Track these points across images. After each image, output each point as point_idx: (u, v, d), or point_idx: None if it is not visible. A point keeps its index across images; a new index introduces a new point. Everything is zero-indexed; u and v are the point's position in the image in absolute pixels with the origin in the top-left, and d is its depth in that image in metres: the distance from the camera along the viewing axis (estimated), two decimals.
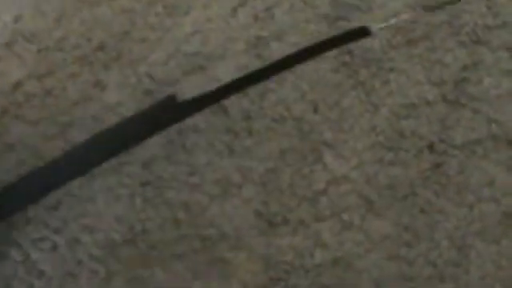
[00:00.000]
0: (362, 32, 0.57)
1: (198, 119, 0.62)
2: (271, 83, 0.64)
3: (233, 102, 0.62)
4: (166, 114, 0.56)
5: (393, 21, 0.58)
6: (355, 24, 0.67)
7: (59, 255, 0.59)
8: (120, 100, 0.64)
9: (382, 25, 0.57)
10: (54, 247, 0.57)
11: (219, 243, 0.57)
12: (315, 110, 0.62)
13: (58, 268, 0.58)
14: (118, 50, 0.67)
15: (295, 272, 0.55)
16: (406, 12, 0.59)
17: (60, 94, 0.65)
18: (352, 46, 0.66)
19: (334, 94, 0.63)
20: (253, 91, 0.63)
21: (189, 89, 0.64)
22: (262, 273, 0.55)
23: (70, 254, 0.58)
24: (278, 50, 0.65)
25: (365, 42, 0.66)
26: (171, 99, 0.56)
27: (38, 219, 0.59)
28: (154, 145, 0.61)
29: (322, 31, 0.66)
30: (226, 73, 0.64)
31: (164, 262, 0.57)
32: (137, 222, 0.58)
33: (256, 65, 0.65)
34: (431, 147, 0.59)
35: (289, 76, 0.63)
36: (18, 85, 0.67)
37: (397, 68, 0.64)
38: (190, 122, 0.62)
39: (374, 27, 0.57)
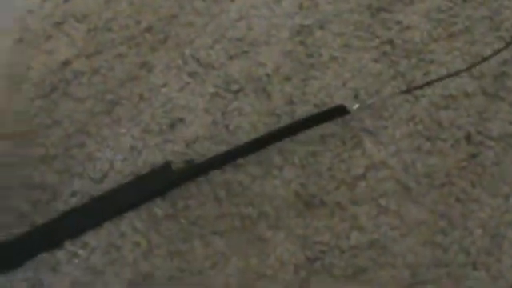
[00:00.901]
0: (340, 111, 0.59)
1: (242, 103, 0.64)
2: (314, 70, 0.65)
3: (276, 87, 0.64)
4: (162, 180, 0.58)
5: (370, 101, 0.59)
6: (397, 16, 0.68)
7: (103, 228, 0.61)
8: (166, 81, 0.66)
9: (357, 105, 0.59)
10: None
11: (259, 222, 0.58)
12: (356, 98, 0.63)
13: (101, 240, 0.60)
14: (166, 32, 0.69)
15: (331, 252, 0.57)
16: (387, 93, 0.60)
17: (107, 73, 0.67)
18: (393, 36, 0.67)
19: (374, 83, 0.64)
20: (296, 77, 0.64)
21: (234, 72, 0.66)
22: (299, 252, 0.57)
23: (114, 227, 0.59)
24: (321, 39, 0.67)
25: (406, 33, 0.67)
26: (167, 166, 0.58)
27: (84, 192, 0.61)
28: (197, 125, 0.63)
29: (365, 22, 0.68)
30: (270, 58, 0.66)
31: (204, 237, 0.58)
32: (179, 199, 0.59)
33: (300, 51, 0.66)
34: (468, 138, 0.60)
35: (332, 64, 0.65)
36: (66, 63, 0.69)
37: (437, 60, 0.65)
38: (234, 104, 0.64)
39: (351, 107, 0.59)
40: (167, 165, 0.59)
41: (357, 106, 0.58)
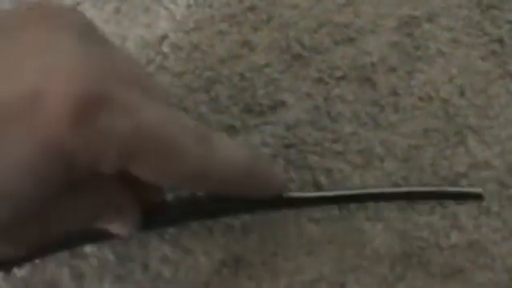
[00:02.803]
0: (474, 196, 0.57)
1: (344, 90, 0.62)
2: (420, 63, 0.63)
3: (380, 77, 0.62)
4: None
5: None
6: (508, 15, 0.66)
7: None
8: (268, 61, 0.65)
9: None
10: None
11: (357, 212, 0.57)
12: (462, 94, 0.62)
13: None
14: (269, 13, 0.68)
15: (430, 249, 0.56)
16: None
17: (207, 50, 0.66)
18: (503, 34, 0.65)
19: (481, 81, 0.63)
20: (401, 69, 0.63)
21: (338, 58, 0.64)
22: (396, 246, 0.56)
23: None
24: (429, 31, 0.65)
25: None
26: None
27: None
28: (298, 108, 0.62)
29: (474, 18, 0.66)
30: (376, 47, 0.64)
31: (299, 224, 0.57)
32: None
33: (406, 43, 0.64)
34: None
35: (439, 59, 0.63)
36: (164, 37, 0.68)
37: None
38: (336, 91, 0.63)
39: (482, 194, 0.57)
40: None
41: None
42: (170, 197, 0.60)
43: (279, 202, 0.57)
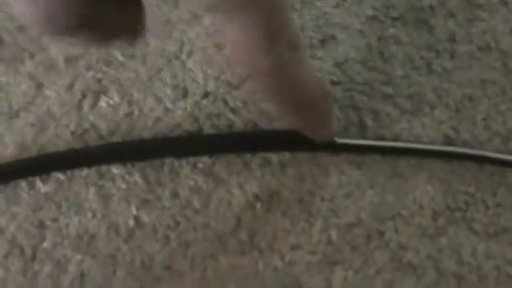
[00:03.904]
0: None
1: (400, 31, 0.59)
2: (482, 11, 0.60)
3: (438, 21, 0.59)
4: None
5: None
6: None
7: None
8: None
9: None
10: None
11: (400, 159, 0.54)
12: None
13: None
14: None
15: (475, 206, 0.53)
16: None
17: None
18: None
19: None
20: (461, 15, 0.59)
21: None
22: (439, 197, 0.53)
23: None
24: None
25: None
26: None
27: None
28: (349, 45, 0.58)
29: None
30: None
31: (339, 165, 0.54)
32: None
33: None
34: None
35: (502, 8, 0.59)
36: None
37: None
38: (391, 31, 0.59)
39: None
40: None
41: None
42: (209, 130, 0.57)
43: (325, 145, 0.56)
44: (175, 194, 0.54)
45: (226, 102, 0.57)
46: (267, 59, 0.40)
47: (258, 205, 0.53)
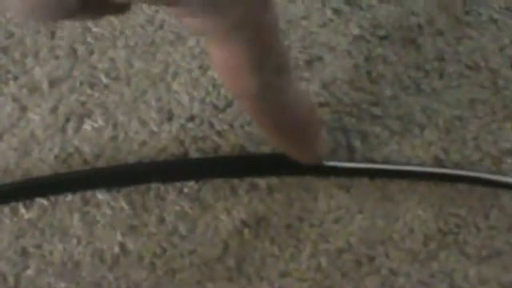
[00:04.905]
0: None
1: (387, 50, 0.58)
2: (470, 29, 0.59)
3: (427, 40, 0.58)
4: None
5: None
6: None
7: None
8: (307, 14, 0.61)
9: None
10: None
11: (391, 183, 0.53)
12: None
13: None
14: None
15: (467, 228, 0.52)
16: None
17: None
18: None
19: None
20: (449, 33, 0.58)
21: (382, 17, 0.60)
22: (431, 222, 0.52)
23: None
24: None
25: None
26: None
27: (204, 116, 0.56)
28: (336, 66, 0.57)
29: None
30: (424, 8, 0.62)
31: (328, 189, 0.53)
32: None
33: (457, 6, 0.60)
34: None
35: (490, 26, 0.59)
36: None
37: None
38: (378, 51, 0.58)
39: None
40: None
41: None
42: (195, 154, 0.56)
43: (313, 168, 0.55)
44: (161, 220, 0.53)
45: (211, 125, 0.55)
46: (255, 82, 0.39)
47: (246, 230, 0.52)
